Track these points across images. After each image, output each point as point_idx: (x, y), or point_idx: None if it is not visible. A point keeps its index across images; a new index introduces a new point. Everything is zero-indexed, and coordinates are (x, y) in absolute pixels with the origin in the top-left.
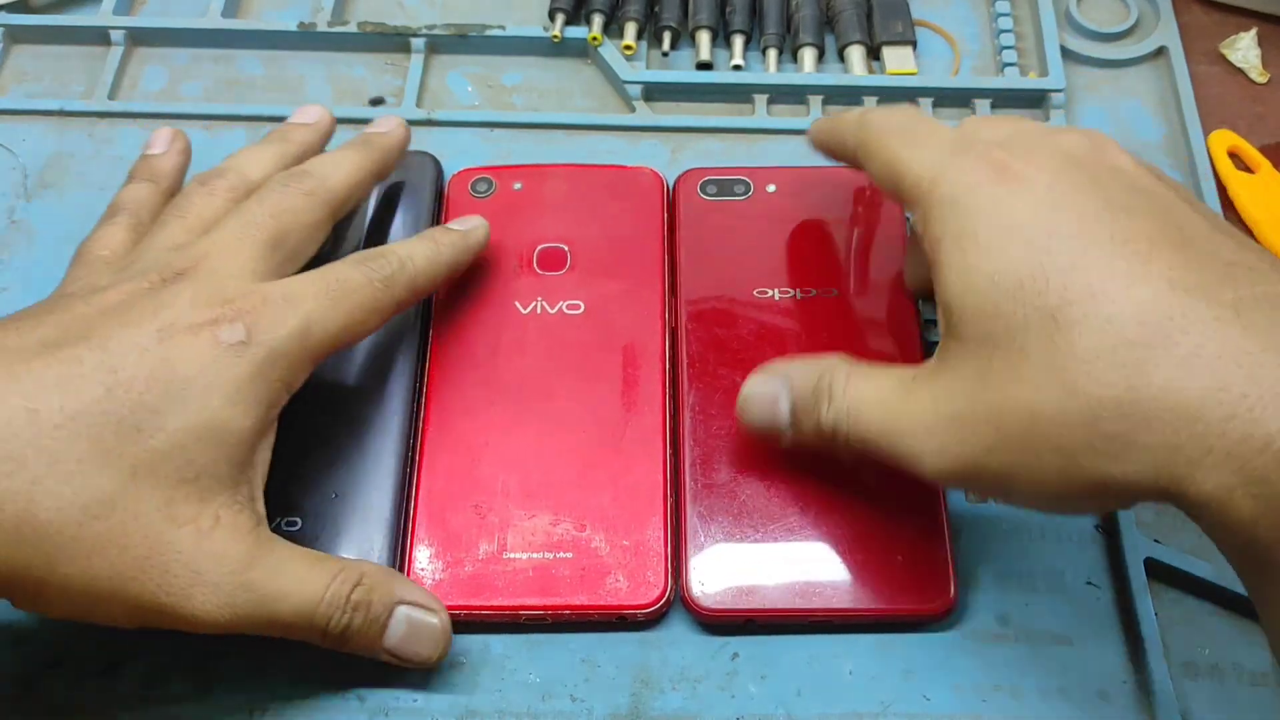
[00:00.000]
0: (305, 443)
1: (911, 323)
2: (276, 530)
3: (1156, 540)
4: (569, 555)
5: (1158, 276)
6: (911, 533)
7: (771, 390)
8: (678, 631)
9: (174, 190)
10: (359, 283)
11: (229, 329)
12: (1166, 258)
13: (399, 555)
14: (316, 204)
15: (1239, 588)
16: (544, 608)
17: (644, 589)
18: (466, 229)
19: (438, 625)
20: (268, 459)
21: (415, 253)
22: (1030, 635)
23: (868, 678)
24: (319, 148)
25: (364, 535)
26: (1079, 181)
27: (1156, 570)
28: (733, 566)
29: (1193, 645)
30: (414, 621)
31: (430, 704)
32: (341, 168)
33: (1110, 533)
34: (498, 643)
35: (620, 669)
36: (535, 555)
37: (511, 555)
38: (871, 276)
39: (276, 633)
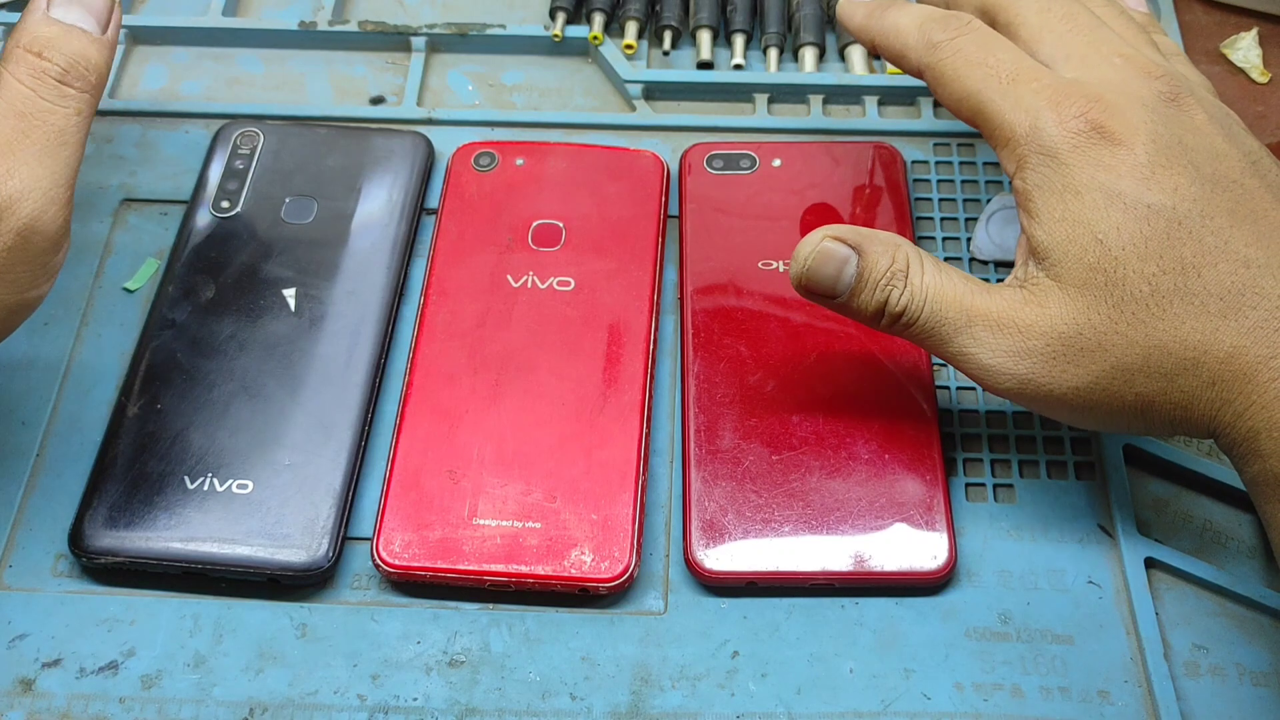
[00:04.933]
0: (264, 410)
1: None
2: (228, 492)
3: (1157, 540)
4: (537, 525)
5: (1234, 256)
6: (911, 498)
7: (843, 252)
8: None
9: None
10: None
11: None
12: (1242, 235)
13: (342, 527)
14: None
15: (1239, 588)
16: (508, 575)
17: (608, 563)
18: None
19: None
20: None
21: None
22: (1031, 634)
23: (868, 676)
24: None
25: (311, 504)
26: (1170, 148)
27: (1157, 570)
28: (735, 530)
29: (1193, 645)
30: None
31: (430, 703)
32: None
33: (1111, 532)
34: (498, 641)
35: (620, 667)
36: (504, 523)
37: (481, 521)
38: None
39: None
